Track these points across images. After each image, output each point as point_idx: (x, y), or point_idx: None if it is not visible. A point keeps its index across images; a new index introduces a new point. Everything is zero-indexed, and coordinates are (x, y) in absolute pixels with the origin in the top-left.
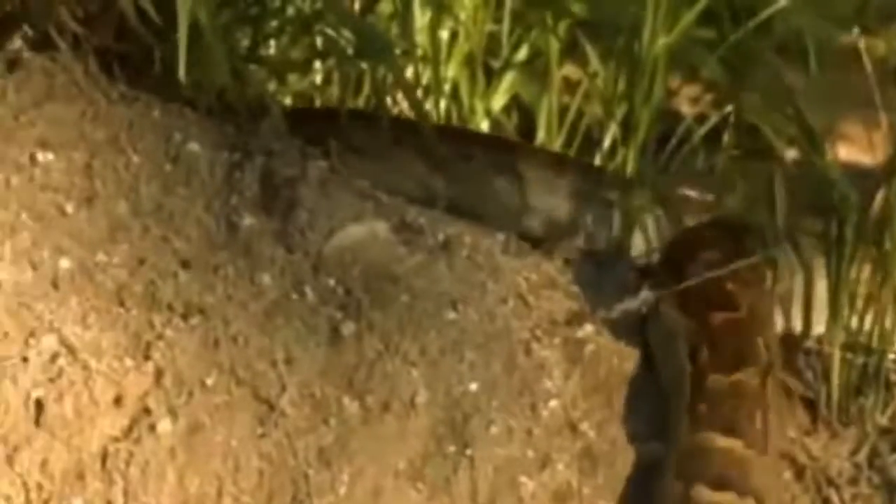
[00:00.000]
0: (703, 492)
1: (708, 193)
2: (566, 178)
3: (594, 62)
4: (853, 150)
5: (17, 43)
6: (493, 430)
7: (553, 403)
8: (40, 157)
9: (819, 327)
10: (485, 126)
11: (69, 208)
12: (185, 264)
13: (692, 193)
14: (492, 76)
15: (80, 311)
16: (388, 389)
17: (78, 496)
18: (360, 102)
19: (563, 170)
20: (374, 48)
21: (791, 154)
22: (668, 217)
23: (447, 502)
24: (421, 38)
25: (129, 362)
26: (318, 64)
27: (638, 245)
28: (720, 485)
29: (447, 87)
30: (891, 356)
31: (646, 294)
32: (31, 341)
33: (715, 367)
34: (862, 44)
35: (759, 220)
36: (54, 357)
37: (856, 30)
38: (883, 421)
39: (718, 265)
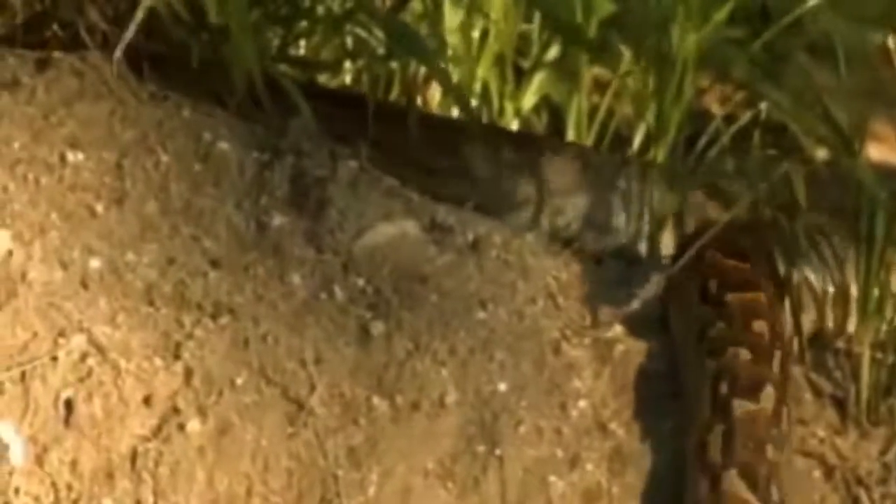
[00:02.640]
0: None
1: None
2: (594, 175)
3: (624, 62)
4: (883, 149)
5: (46, 43)
6: (523, 429)
7: (582, 403)
8: (70, 156)
9: (849, 326)
10: (514, 126)
11: (99, 208)
12: (215, 264)
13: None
14: (522, 76)
15: (109, 310)
16: (417, 389)
17: (107, 496)
18: None
19: (590, 167)
20: (406, 46)
21: (821, 154)
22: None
23: (476, 502)
24: (451, 38)
25: (158, 362)
26: (348, 64)
27: (667, 244)
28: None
29: (477, 87)
30: None
31: (658, 278)
32: (61, 341)
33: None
34: (892, 44)
35: (779, 217)
36: (84, 357)
37: (886, 30)
38: None
39: (732, 255)
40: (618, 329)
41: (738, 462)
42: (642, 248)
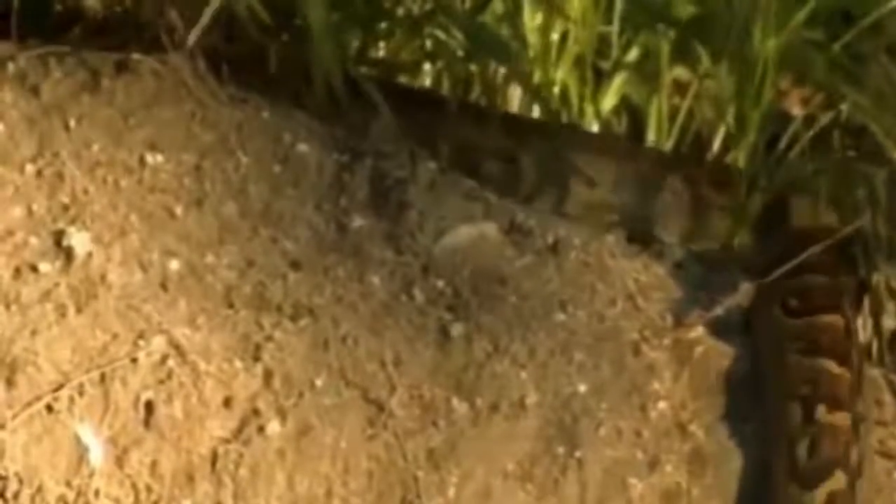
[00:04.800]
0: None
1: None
2: (678, 178)
3: (704, 63)
4: None
5: (126, 44)
6: (602, 431)
7: (662, 405)
8: (149, 158)
9: None
10: (594, 128)
11: (178, 210)
12: (295, 265)
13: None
14: (601, 78)
15: (189, 312)
16: (497, 391)
17: (187, 498)
18: None
19: (675, 169)
20: (486, 48)
21: None
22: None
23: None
24: (531, 40)
25: (238, 364)
26: (427, 66)
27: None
28: None
29: (557, 89)
30: None
31: (747, 286)
32: (141, 343)
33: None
34: None
35: (864, 223)
36: (164, 358)
37: None
38: None
39: (821, 271)
40: (698, 331)
41: None
42: (719, 250)
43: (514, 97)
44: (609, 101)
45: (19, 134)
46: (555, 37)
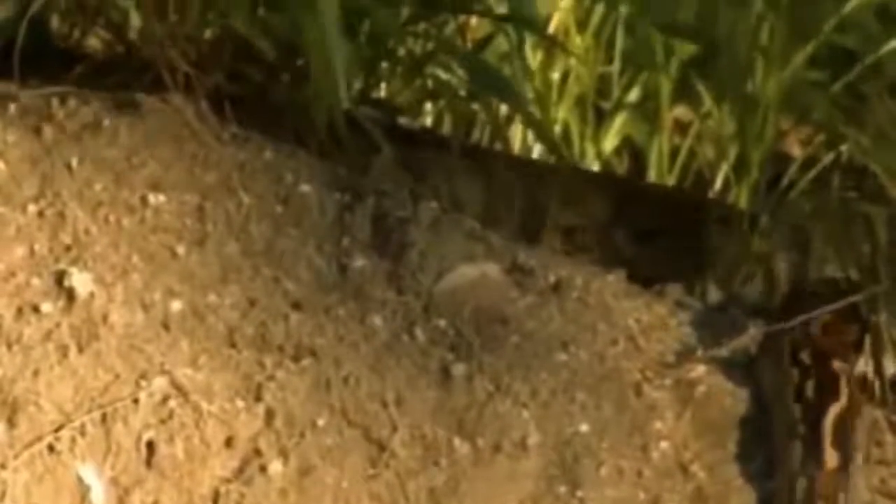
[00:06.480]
0: None
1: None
2: (680, 219)
3: (706, 103)
4: None
5: (128, 84)
6: (604, 471)
7: (664, 444)
8: (151, 198)
9: None
10: (595, 168)
11: (180, 250)
12: (297, 306)
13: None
14: (603, 117)
15: (191, 352)
16: (498, 431)
17: None
18: None
19: (677, 211)
20: (490, 86)
21: None
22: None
23: None
24: (533, 79)
25: (240, 404)
26: (428, 105)
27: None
28: None
29: (558, 129)
30: None
31: (755, 332)
32: (143, 383)
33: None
34: None
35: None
36: (165, 399)
37: None
38: None
39: (831, 324)
40: (700, 370)
41: None
42: (721, 291)
43: (516, 136)
44: (610, 141)
45: (21, 174)
46: (556, 76)
